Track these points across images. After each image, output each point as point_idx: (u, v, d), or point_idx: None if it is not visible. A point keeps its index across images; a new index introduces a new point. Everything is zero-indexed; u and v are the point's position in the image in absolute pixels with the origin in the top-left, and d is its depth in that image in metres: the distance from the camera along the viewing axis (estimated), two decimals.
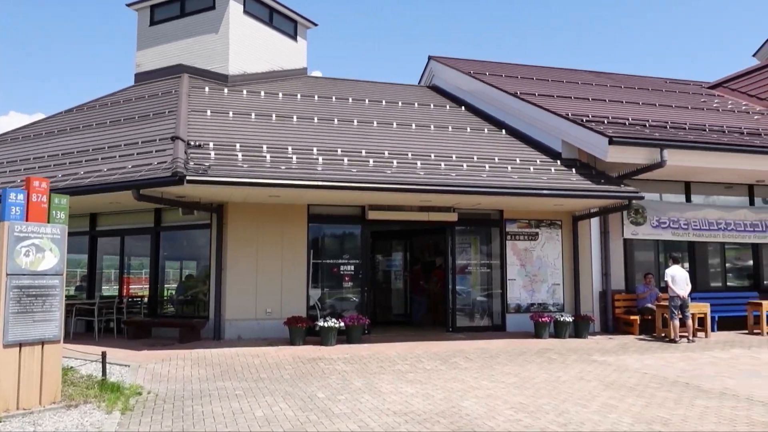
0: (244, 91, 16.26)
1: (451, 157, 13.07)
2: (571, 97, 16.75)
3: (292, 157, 11.60)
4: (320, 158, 11.77)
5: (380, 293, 15.37)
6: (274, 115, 14.35)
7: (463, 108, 17.72)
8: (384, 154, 12.63)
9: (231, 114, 14.01)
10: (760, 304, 14.02)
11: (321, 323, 11.78)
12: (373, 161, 12.06)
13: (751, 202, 16.04)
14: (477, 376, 8.86)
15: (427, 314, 15.69)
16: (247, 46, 17.69)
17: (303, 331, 11.74)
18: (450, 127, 15.50)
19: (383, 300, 15.11)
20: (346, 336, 12.08)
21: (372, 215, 13.12)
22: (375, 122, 15.02)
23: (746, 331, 14.23)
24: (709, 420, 6.40)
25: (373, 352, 10.94)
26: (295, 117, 14.48)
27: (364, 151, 12.58)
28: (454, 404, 7.09)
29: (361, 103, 16.84)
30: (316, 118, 14.60)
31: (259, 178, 10.48)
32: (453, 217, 13.61)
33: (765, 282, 15.72)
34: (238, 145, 11.82)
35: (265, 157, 11.44)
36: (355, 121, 14.91)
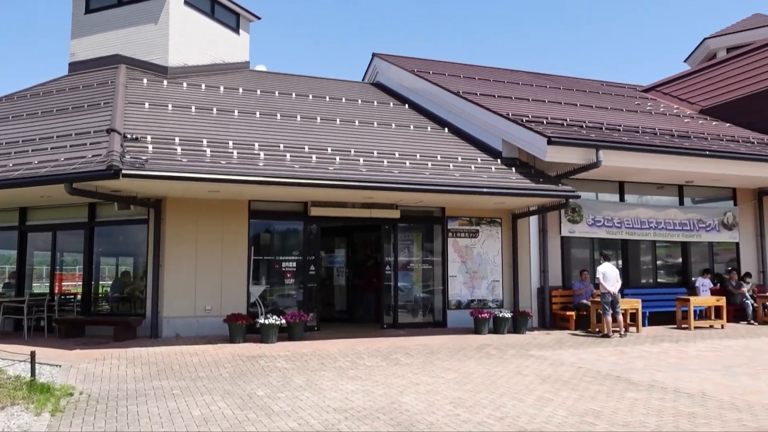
0: (185, 84, 15.92)
1: (394, 154, 13.13)
2: (511, 98, 17.08)
3: (233, 152, 11.42)
4: (262, 153, 11.63)
5: (323, 290, 15.30)
6: (215, 109, 14.10)
7: (406, 106, 17.83)
8: (327, 150, 12.59)
9: (170, 107, 13.70)
10: (688, 300, 14.63)
11: (262, 320, 11.65)
12: (316, 157, 12.00)
13: (681, 202, 16.71)
14: (417, 372, 8.93)
15: (371, 311, 15.72)
16: (187, 37, 17.31)
17: (243, 328, 11.59)
18: (393, 125, 15.57)
19: (326, 297, 15.06)
20: (287, 333, 12.00)
21: (314, 212, 13.06)
22: (318, 118, 14.95)
23: (675, 326, 14.82)
24: (638, 411, 6.64)
25: (315, 349, 10.91)
26: (236, 111, 14.27)
27: (306, 147, 12.50)
28: (394, 400, 7.13)
29: (305, 99, 16.73)
30: (258, 113, 14.42)
31: (199, 172, 10.28)
32: (395, 214, 13.69)
33: (693, 279, 16.40)
34: (177, 139, 11.57)
35: (205, 151, 11.23)
36: (299, 116, 14.81)
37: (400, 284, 14.26)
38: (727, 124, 18.31)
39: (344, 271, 16.51)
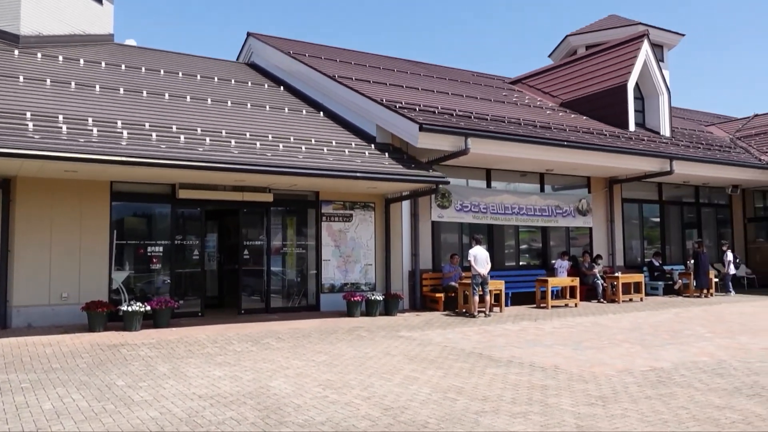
0: (39, 55, 14.73)
1: (268, 136, 12.91)
2: (386, 84, 17.30)
3: (92, 130, 10.72)
4: (125, 132, 11.02)
5: (192, 276, 14.79)
6: (73, 83, 13.17)
7: (281, 88, 17.57)
8: (197, 130, 12.15)
9: (21, 78, 12.64)
10: (547, 281, 15.61)
11: (125, 307, 11.11)
12: (185, 137, 11.55)
13: (542, 189, 17.75)
14: (288, 356, 8.89)
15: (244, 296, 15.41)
16: (43, 4, 15.99)
17: (104, 316, 10.99)
18: (267, 107, 15.30)
19: (196, 282, 14.57)
20: (153, 320, 11.51)
21: (183, 194, 12.59)
22: (188, 97, 14.40)
23: (535, 305, 15.76)
24: (497, 386, 7.01)
25: (182, 335, 10.56)
26: (97, 86, 13.42)
27: (174, 127, 12.00)
28: (262, 385, 7.06)
29: (174, 76, 16.03)
30: (122, 89, 13.65)
31: (53, 150, 9.56)
32: (269, 197, 13.49)
33: (551, 261, 17.50)
34: (28, 114, 10.69)
35: (61, 128, 10.47)
36: (167, 94, 14.17)
37: (273, 268, 14.11)
38: (584, 117, 19.61)
39: (216, 256, 16.07)
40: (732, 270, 19.29)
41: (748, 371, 7.73)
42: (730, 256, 19.36)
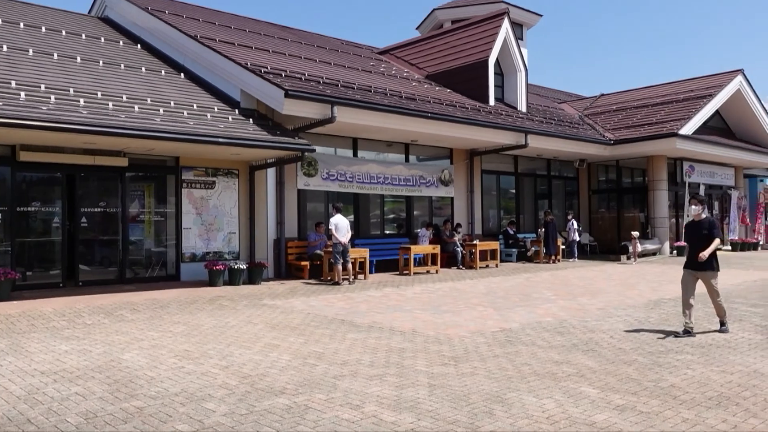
0: None
1: (122, 97, 12.16)
2: (252, 47, 16.81)
3: None
4: None
5: (38, 245, 13.75)
6: None
7: (138, 46, 16.57)
8: (40, 87, 11.19)
9: None
10: (409, 249, 16.08)
11: None
12: (26, 95, 10.60)
13: (407, 160, 18.15)
14: (143, 327, 8.55)
15: (97, 267, 14.55)
16: None
17: None
18: (122, 65, 14.37)
19: (42, 252, 13.55)
20: None
21: (24, 156, 11.62)
22: (31, 51, 13.20)
23: (398, 273, 16.20)
24: (357, 350, 7.16)
25: (25, 309, 9.81)
26: None
27: (14, 83, 10.97)
28: (114, 358, 6.74)
29: (14, 27, 14.61)
30: None
31: None
32: (123, 162, 12.78)
33: (414, 230, 18.02)
34: None
35: None
36: (5, 46, 12.92)
37: (130, 237, 13.43)
38: (448, 90, 20.20)
39: (65, 224, 14.99)
40: (576, 237, 20.85)
41: (584, 329, 8.44)
42: (574, 224, 20.89)
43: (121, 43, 16.44)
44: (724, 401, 5.19)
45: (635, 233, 20.47)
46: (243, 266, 13.49)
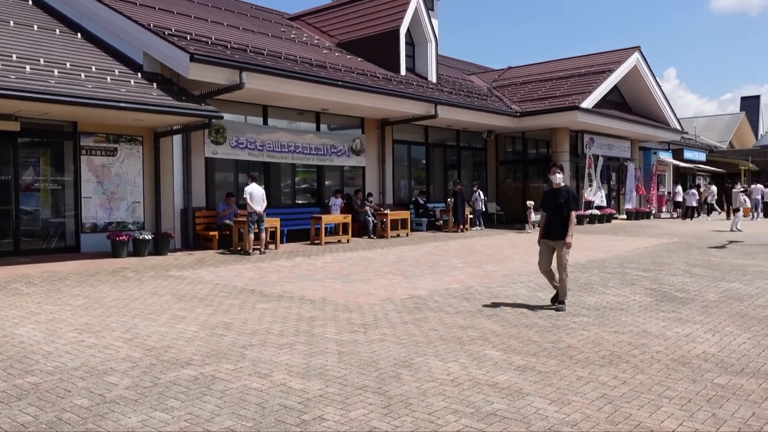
0: None
1: (11, 56, 11.33)
2: (155, 8, 16.05)
3: None
4: None
5: None
6: None
7: (30, 2, 15.45)
8: None
9: None
10: (321, 218, 16.03)
11: None
12: None
13: (318, 128, 17.98)
14: (40, 301, 8.13)
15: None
16: None
17: None
18: (11, 23, 13.38)
19: None
20: None
21: None
22: None
23: (309, 242, 16.15)
24: (266, 320, 7.11)
25: None
26: None
27: None
28: (6, 333, 6.39)
29: None
30: None
31: None
32: (15, 126, 11.98)
33: (326, 200, 17.95)
34: None
35: None
36: None
37: (23, 207, 12.66)
38: (360, 59, 20.08)
39: None
40: (481, 207, 21.41)
41: (490, 295, 8.74)
42: (481, 195, 21.45)
43: None
44: (615, 359, 5.54)
45: (530, 203, 21.27)
46: (148, 237, 13.03)
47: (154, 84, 12.96)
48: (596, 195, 25.15)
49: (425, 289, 9.28)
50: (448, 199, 20.71)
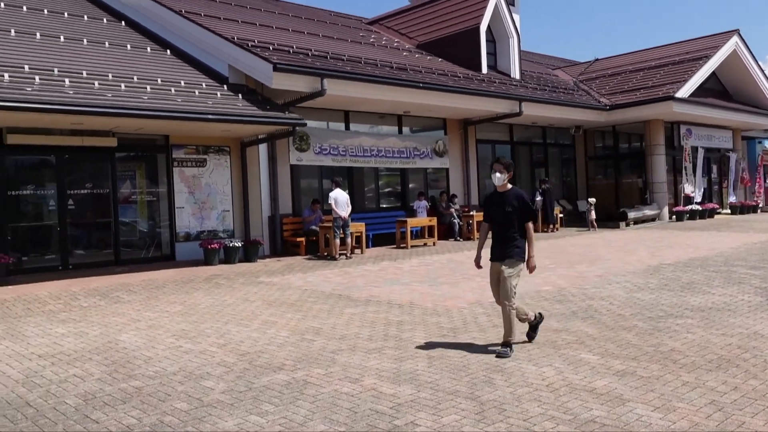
0: None
1: (107, 75, 12.02)
2: (238, 21, 16.62)
3: None
4: None
5: (32, 230, 13.76)
6: None
7: (122, 23, 16.32)
8: (24, 68, 11.05)
9: None
10: (406, 222, 16.07)
11: None
12: (9, 76, 10.47)
13: (400, 131, 18.06)
14: (140, 308, 8.57)
15: (90, 249, 14.54)
16: None
17: None
18: (107, 43, 14.18)
19: (35, 236, 13.55)
20: None
21: (12, 139, 11.54)
22: (13, 31, 13.00)
23: (395, 246, 16.23)
24: (355, 324, 7.20)
25: (19, 294, 9.82)
26: None
27: None
28: (110, 339, 6.77)
29: None
30: None
31: None
32: (112, 142, 12.70)
33: (410, 203, 17.99)
34: None
35: None
36: None
37: (122, 219, 13.39)
38: (440, 59, 20.04)
39: (56, 208, 14.95)
40: (537, 207, 20.41)
41: (583, 296, 8.49)
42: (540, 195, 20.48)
43: (104, 20, 16.20)
44: (724, 363, 5.24)
45: (591, 200, 20.41)
46: (238, 244, 13.49)
47: (240, 95, 13.41)
48: (695, 189, 23.96)
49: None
50: (536, 198, 20.27)
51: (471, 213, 18.07)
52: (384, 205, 18.02)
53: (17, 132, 11.57)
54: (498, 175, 6.11)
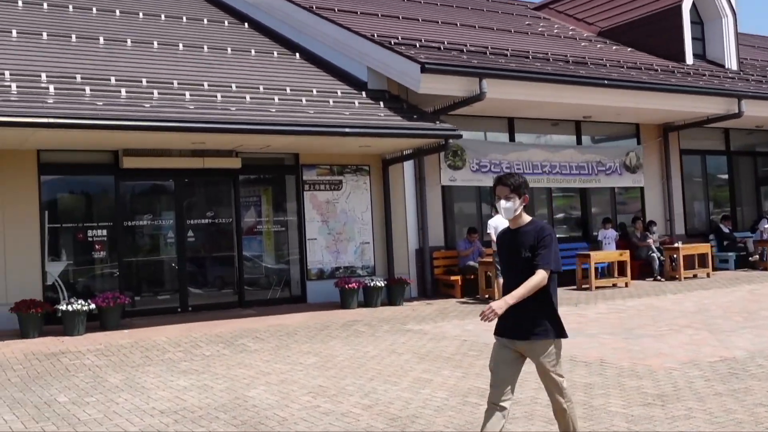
0: None
1: (231, 86, 12.87)
2: (378, 15, 17.21)
3: (10, 86, 10.68)
4: (51, 87, 10.98)
5: (147, 265, 14.91)
6: None
7: (246, 25, 17.45)
8: (141, 82, 12.11)
9: None
10: (589, 256, 15.65)
11: (64, 306, 11.16)
12: (126, 91, 11.51)
13: (578, 141, 17.74)
14: (269, 359, 8.97)
15: (209, 288, 15.48)
16: None
17: (39, 318, 11.05)
18: (229, 49, 15.21)
19: (149, 273, 14.65)
20: (99, 321, 11.59)
21: (128, 163, 12.61)
22: (129, 41, 14.29)
23: (575, 287, 15.84)
24: (529, 386, 7.07)
25: (136, 339, 10.63)
26: (14, 32, 13.30)
27: (113, 78, 11.94)
28: (238, 395, 7.13)
29: (110, 15, 15.90)
30: (45, 34, 13.55)
31: None
32: (236, 163, 13.52)
33: (594, 233, 17.52)
34: None
35: None
36: (101, 38, 14.07)
37: (246, 253, 14.15)
38: (629, 49, 19.56)
39: (174, 240, 16.07)
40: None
41: None
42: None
43: (226, 23, 17.40)
44: None
45: None
46: (381, 284, 13.77)
47: (381, 103, 13.82)
48: None
49: (742, 348, 8.59)
50: (764, 226, 19.03)
51: (676, 245, 17.26)
52: (559, 235, 17.67)
53: (134, 154, 12.63)
54: (505, 203, 4.78)
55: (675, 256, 17.11)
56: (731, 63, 20.12)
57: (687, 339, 9.33)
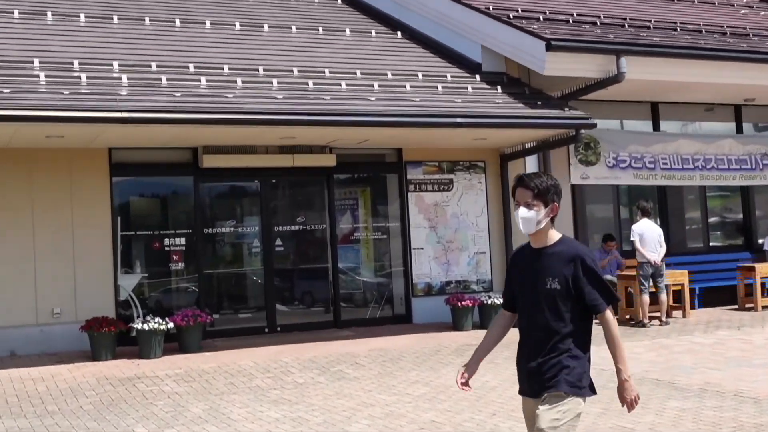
0: None
1: (324, 72, 13.02)
2: None
3: (80, 76, 11.12)
4: (124, 77, 11.37)
5: (230, 278, 15.20)
6: (49, 13, 13.65)
7: (339, 0, 17.62)
8: (223, 69, 12.42)
9: None
10: (754, 268, 15.05)
11: (139, 325, 11.52)
12: (207, 80, 11.81)
13: (738, 130, 17.13)
14: (371, 388, 9.02)
15: (302, 305, 15.66)
16: None
17: (112, 338, 11.45)
18: (321, 29, 15.40)
19: (231, 288, 14.92)
20: (178, 342, 11.91)
21: (209, 161, 12.93)
22: (208, 23, 14.68)
23: (736, 306, 15.28)
24: (686, 425, 6.88)
25: (220, 363, 10.87)
26: (83, 16, 13.85)
27: (192, 66, 12.28)
28: (338, 429, 7.18)
29: None
30: (116, 17, 14.05)
31: (30, 108, 9.99)
32: (330, 160, 13.66)
33: (758, 241, 16.85)
34: None
35: (38, 76, 10.90)
36: (177, 21, 14.49)
37: (342, 264, 14.26)
38: None
39: (260, 249, 16.33)
40: None
41: None
42: None
43: None
44: None
45: None
46: (500, 301, 13.60)
47: (498, 87, 13.71)
48: None
49: None
50: None
51: None
52: (715, 244, 17.15)
53: (215, 152, 12.93)
54: (524, 212, 4.16)
55: None
56: None
57: None
